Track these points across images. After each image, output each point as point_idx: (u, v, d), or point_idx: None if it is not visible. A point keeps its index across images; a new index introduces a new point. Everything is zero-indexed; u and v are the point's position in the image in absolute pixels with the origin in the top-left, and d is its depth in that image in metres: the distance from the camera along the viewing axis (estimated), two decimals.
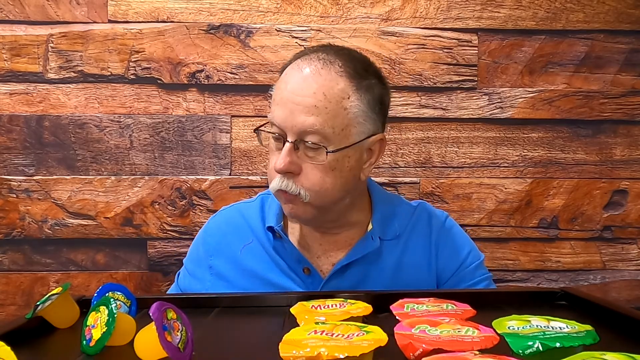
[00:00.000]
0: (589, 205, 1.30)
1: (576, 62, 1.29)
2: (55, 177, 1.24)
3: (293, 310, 0.57)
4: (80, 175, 1.24)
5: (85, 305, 0.59)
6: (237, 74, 1.25)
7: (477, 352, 0.38)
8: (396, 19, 1.26)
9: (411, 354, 0.42)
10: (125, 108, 1.25)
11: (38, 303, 0.56)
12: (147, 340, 0.47)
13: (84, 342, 0.50)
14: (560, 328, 0.45)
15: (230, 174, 1.26)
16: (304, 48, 0.92)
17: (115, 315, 0.50)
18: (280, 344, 0.42)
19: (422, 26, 1.27)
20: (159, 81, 1.25)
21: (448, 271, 0.87)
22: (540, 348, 0.40)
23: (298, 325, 0.52)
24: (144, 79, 1.24)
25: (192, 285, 0.90)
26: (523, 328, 0.46)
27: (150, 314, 0.45)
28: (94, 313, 0.52)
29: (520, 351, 0.40)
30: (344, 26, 1.26)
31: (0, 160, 1.23)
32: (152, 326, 0.46)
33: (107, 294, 0.58)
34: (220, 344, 0.55)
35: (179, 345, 0.46)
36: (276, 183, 0.77)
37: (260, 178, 1.26)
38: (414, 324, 0.47)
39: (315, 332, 0.45)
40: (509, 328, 0.46)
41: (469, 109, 1.28)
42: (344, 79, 0.76)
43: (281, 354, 0.40)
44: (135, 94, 1.25)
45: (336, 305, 0.59)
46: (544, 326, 0.46)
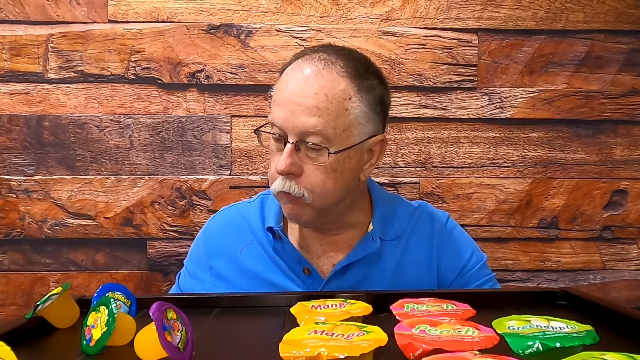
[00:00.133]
0: (589, 205, 1.30)
1: (576, 62, 1.29)
2: (55, 177, 1.24)
3: (293, 310, 0.57)
4: (80, 175, 1.24)
5: (85, 305, 0.59)
6: (237, 74, 1.25)
7: (477, 352, 0.38)
8: (396, 19, 1.26)
9: (411, 354, 0.42)
10: (125, 108, 1.25)
11: (38, 303, 0.56)
12: (147, 340, 0.47)
13: (84, 342, 0.50)
14: (560, 328, 0.45)
15: (230, 174, 1.26)
16: (304, 48, 0.92)
17: (115, 315, 0.50)
18: (280, 344, 0.42)
19: (422, 26, 1.27)
20: (159, 81, 1.25)
21: (451, 274, 0.86)
22: (540, 348, 0.40)
23: (298, 325, 0.52)
24: (144, 79, 1.24)
25: (193, 286, 0.90)
26: (523, 328, 0.46)
27: (150, 314, 0.45)
28: (94, 313, 0.52)
29: (520, 351, 0.40)
30: (344, 26, 1.26)
31: (0, 160, 1.23)
32: (152, 326, 0.46)
33: (107, 294, 0.58)
34: (220, 344, 0.55)
35: (179, 345, 0.46)
36: (278, 184, 0.76)
37: (260, 178, 1.26)
38: (414, 324, 0.47)
39: (315, 332, 0.45)
40: (509, 328, 0.46)
41: (469, 109, 1.28)
42: (345, 80, 0.76)
43: (281, 354, 0.40)
44: (135, 94, 1.25)
45: (336, 305, 0.59)
46: (544, 326, 0.46)
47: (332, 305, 0.58)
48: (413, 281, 0.84)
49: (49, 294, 0.58)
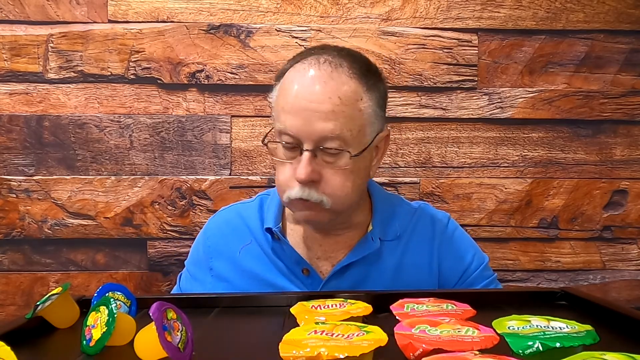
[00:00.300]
0: (589, 205, 1.30)
1: (576, 62, 1.29)
2: (55, 177, 1.24)
3: (293, 310, 0.57)
4: (80, 175, 1.24)
5: (85, 305, 0.59)
6: (237, 74, 1.25)
7: (477, 352, 0.38)
8: (396, 19, 1.26)
9: (411, 354, 0.42)
10: (125, 108, 1.25)
11: (38, 303, 0.56)
12: (147, 340, 0.47)
13: (84, 342, 0.50)
14: (560, 328, 0.45)
15: (230, 174, 1.26)
16: (301, 51, 0.86)
17: (115, 315, 0.50)
18: (280, 344, 0.42)
19: (422, 26, 1.27)
20: (159, 81, 1.25)
21: (453, 278, 0.86)
22: (540, 348, 0.40)
23: (298, 325, 0.52)
24: (144, 79, 1.24)
25: (194, 287, 0.90)
26: (523, 328, 0.46)
27: (150, 314, 0.45)
28: (94, 313, 0.52)
29: (520, 351, 0.40)
30: (344, 26, 1.26)
31: (0, 160, 1.23)
32: (152, 326, 0.46)
33: (107, 294, 0.58)
34: (220, 344, 0.55)
35: (179, 345, 0.46)
36: (296, 192, 0.75)
37: (260, 178, 1.26)
38: (414, 324, 0.47)
39: (315, 332, 0.45)
40: (509, 328, 0.46)
41: (469, 109, 1.28)
42: (354, 81, 0.75)
43: (281, 354, 0.40)
44: (135, 94, 1.25)
45: (336, 305, 0.59)
46: (544, 326, 0.46)
47: (332, 305, 0.58)
48: (413, 281, 0.84)
49: (49, 294, 0.58)
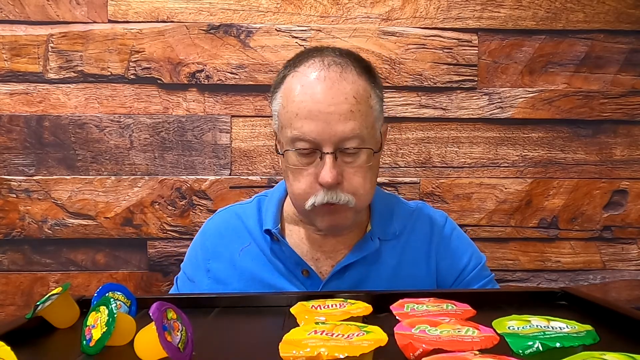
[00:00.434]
0: (589, 205, 1.30)
1: (576, 62, 1.29)
2: (55, 177, 1.24)
3: (293, 310, 0.57)
4: (80, 175, 1.24)
5: (85, 305, 0.59)
6: (237, 74, 1.25)
7: (477, 352, 0.38)
8: (396, 19, 1.26)
9: (411, 354, 0.42)
10: (125, 108, 1.25)
11: (38, 303, 0.56)
12: (147, 340, 0.47)
13: (84, 342, 0.50)
14: (560, 328, 0.45)
15: (230, 174, 1.26)
16: (293, 58, 0.83)
17: (115, 315, 0.50)
18: (280, 344, 0.42)
19: (422, 26, 1.27)
20: (159, 81, 1.25)
21: (450, 276, 0.86)
22: (540, 348, 0.40)
23: (298, 325, 0.52)
24: (144, 79, 1.24)
25: (191, 289, 0.89)
26: (523, 328, 0.46)
27: (151, 314, 0.45)
28: (94, 313, 0.52)
29: (520, 351, 0.40)
30: (344, 26, 1.26)
31: (0, 160, 1.23)
32: (152, 326, 0.46)
33: (107, 294, 0.58)
34: (220, 344, 0.55)
35: (179, 345, 0.46)
36: (322, 197, 0.75)
37: (260, 178, 1.26)
38: (414, 324, 0.47)
39: (315, 332, 0.45)
40: (509, 328, 0.46)
41: (469, 109, 1.28)
42: (362, 79, 0.77)
43: (281, 354, 0.40)
44: (135, 94, 1.25)
45: (336, 305, 0.59)
46: (544, 326, 0.46)
47: (332, 306, 0.58)
48: (411, 281, 0.84)
49: (49, 294, 0.58)
